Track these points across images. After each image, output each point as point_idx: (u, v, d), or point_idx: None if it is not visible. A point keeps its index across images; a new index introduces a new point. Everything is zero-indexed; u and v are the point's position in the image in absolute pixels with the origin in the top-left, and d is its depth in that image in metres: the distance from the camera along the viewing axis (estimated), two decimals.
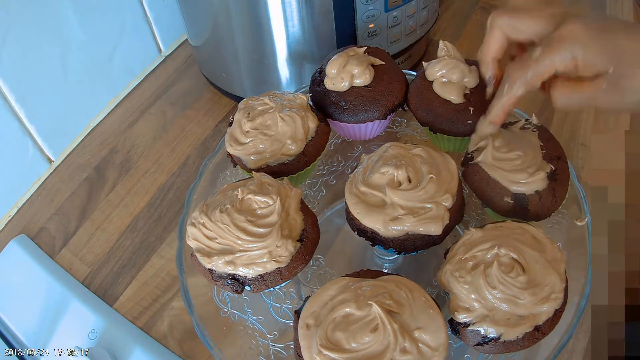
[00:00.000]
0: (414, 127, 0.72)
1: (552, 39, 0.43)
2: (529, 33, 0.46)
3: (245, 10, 0.69)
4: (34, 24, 0.70)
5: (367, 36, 0.73)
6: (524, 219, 0.53)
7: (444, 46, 0.60)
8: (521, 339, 0.45)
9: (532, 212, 0.53)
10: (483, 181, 0.54)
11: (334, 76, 0.61)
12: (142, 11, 0.87)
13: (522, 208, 0.53)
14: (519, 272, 0.46)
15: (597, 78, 0.42)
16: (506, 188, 0.53)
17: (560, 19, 0.43)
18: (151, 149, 0.82)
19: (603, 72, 0.42)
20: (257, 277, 0.49)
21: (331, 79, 0.62)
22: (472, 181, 0.55)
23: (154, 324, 0.65)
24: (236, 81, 0.81)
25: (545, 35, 0.44)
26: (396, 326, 0.43)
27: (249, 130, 0.58)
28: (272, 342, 0.57)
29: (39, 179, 0.80)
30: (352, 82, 0.61)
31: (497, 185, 0.53)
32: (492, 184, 0.53)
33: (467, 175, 0.56)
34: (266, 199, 0.50)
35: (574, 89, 0.44)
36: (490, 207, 0.54)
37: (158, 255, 0.71)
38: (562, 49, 0.42)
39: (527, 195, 0.52)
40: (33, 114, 0.74)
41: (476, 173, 0.54)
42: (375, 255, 0.65)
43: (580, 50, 0.41)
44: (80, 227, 0.74)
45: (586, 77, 0.43)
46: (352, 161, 0.72)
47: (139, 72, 0.92)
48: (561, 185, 0.54)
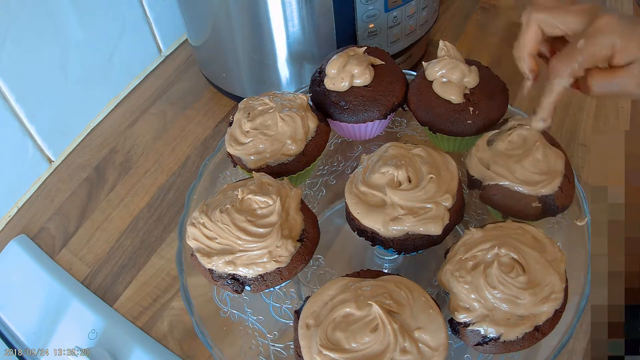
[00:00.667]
0: (414, 127, 0.72)
1: (592, 30, 0.46)
2: (566, 28, 0.49)
3: (245, 11, 0.69)
4: (34, 24, 0.70)
5: (367, 36, 0.73)
6: (552, 215, 0.53)
7: (443, 46, 0.60)
8: (521, 339, 0.45)
9: (560, 206, 0.53)
10: (507, 199, 0.53)
11: (334, 76, 0.61)
12: (142, 11, 0.87)
13: (550, 207, 0.53)
14: (519, 272, 0.46)
15: (629, 65, 0.45)
16: (532, 195, 0.52)
17: (593, 13, 0.46)
18: (151, 149, 0.82)
19: (634, 60, 0.45)
20: (257, 277, 0.49)
21: (331, 79, 0.62)
22: (493, 202, 0.54)
23: (154, 324, 0.65)
24: (236, 81, 0.81)
25: (579, 30, 0.47)
26: (396, 326, 0.43)
27: (249, 130, 0.58)
28: (272, 342, 0.57)
29: (39, 179, 0.80)
30: (352, 82, 0.61)
31: (522, 196, 0.53)
32: (517, 197, 0.53)
33: (486, 198, 0.54)
34: (266, 199, 0.50)
35: (610, 77, 0.47)
36: (519, 218, 0.53)
37: (158, 255, 0.71)
38: (603, 38, 0.45)
39: (553, 193, 0.52)
40: (33, 114, 0.74)
41: (495, 193, 0.54)
42: (375, 255, 0.65)
43: (618, 39, 0.45)
44: (80, 227, 0.74)
45: (619, 66, 0.46)
46: (352, 161, 0.72)
47: (139, 72, 0.92)
48: (567, 167, 0.55)
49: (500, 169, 0.53)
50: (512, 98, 0.63)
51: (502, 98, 0.61)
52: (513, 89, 0.63)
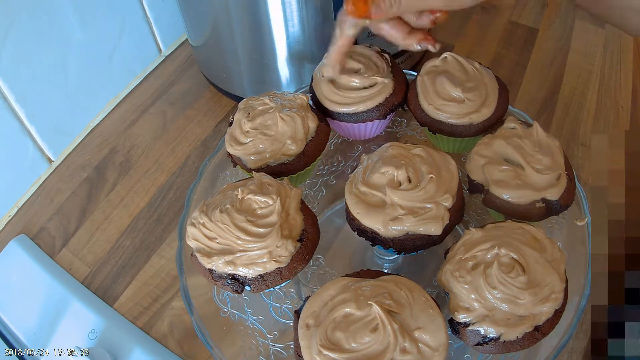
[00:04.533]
0: (414, 127, 0.72)
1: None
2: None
3: (245, 10, 0.69)
4: (34, 24, 0.70)
5: (367, 36, 0.72)
6: (556, 214, 0.53)
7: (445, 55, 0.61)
8: (521, 339, 0.45)
9: (563, 204, 0.53)
10: (511, 202, 0.53)
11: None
12: (142, 11, 0.87)
13: (554, 206, 0.53)
14: (519, 272, 0.46)
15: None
16: (537, 197, 0.52)
17: None
18: (151, 149, 0.82)
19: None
20: (257, 277, 0.49)
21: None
22: (497, 205, 0.54)
23: (154, 324, 0.65)
24: (236, 81, 0.81)
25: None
26: (396, 326, 0.43)
27: (249, 130, 0.58)
28: (272, 342, 0.57)
29: (39, 179, 0.80)
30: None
31: (527, 198, 0.53)
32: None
33: (489, 201, 0.54)
34: (266, 199, 0.50)
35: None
36: (523, 219, 0.53)
37: (158, 255, 0.71)
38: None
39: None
40: (33, 114, 0.74)
41: (497, 197, 0.53)
42: (375, 255, 0.65)
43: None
44: (80, 227, 0.74)
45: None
46: (352, 161, 0.72)
47: (139, 72, 0.92)
48: (567, 164, 0.55)
49: (502, 176, 0.53)
50: (512, 98, 0.63)
51: (502, 98, 0.61)
52: (513, 89, 0.63)
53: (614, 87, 0.86)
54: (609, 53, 0.91)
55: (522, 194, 0.52)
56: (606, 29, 0.94)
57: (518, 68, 0.89)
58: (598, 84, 0.86)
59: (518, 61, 0.90)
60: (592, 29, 0.95)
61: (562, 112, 0.82)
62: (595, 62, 0.89)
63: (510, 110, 0.63)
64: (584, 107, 0.83)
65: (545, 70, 0.88)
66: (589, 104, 0.83)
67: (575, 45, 0.92)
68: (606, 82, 0.86)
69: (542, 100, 0.83)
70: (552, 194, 0.52)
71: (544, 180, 0.52)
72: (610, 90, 0.85)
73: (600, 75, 0.88)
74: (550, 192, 0.52)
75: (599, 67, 0.89)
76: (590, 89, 0.85)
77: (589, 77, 0.87)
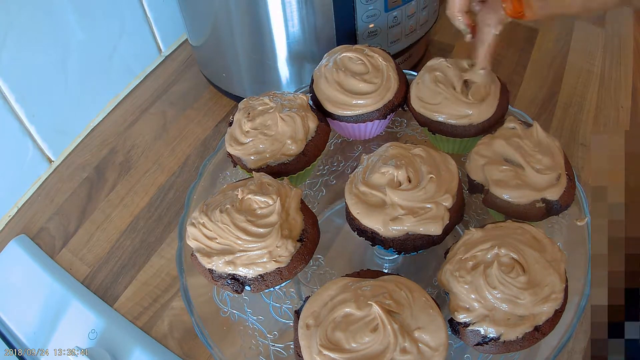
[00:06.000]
0: (414, 127, 0.72)
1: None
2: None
3: (245, 11, 0.69)
4: (34, 24, 0.70)
5: (367, 36, 0.73)
6: (556, 214, 0.53)
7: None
8: (521, 339, 0.45)
9: (563, 204, 0.53)
10: (511, 202, 0.53)
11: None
12: (142, 11, 0.87)
13: (554, 206, 0.53)
14: (519, 272, 0.46)
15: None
16: (537, 197, 0.52)
17: None
18: (151, 149, 0.82)
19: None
20: (257, 277, 0.49)
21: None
22: (497, 206, 0.54)
23: (154, 324, 0.65)
24: (236, 81, 0.81)
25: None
26: (396, 326, 0.43)
27: (249, 130, 0.58)
28: (272, 342, 0.57)
29: (39, 179, 0.80)
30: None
31: (527, 199, 0.53)
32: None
33: (489, 201, 0.54)
34: (266, 199, 0.50)
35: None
36: (524, 219, 0.53)
37: (158, 255, 0.71)
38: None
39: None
40: (33, 114, 0.74)
41: (497, 197, 0.53)
42: (375, 255, 0.65)
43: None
44: (80, 227, 0.74)
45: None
46: (352, 161, 0.72)
47: (139, 72, 0.92)
48: (567, 162, 0.55)
49: (502, 176, 0.53)
50: (512, 98, 0.63)
51: (502, 98, 0.61)
52: (513, 89, 0.63)
53: (614, 87, 0.86)
54: (609, 53, 0.91)
55: (522, 194, 0.52)
56: (606, 29, 0.94)
57: (518, 68, 0.89)
58: (598, 84, 0.86)
59: (518, 61, 0.90)
60: (592, 29, 0.95)
61: (562, 112, 0.82)
62: (595, 62, 0.89)
63: (510, 110, 0.63)
64: (584, 107, 0.83)
65: (545, 71, 0.88)
66: (589, 104, 0.83)
67: (575, 45, 0.92)
68: (606, 82, 0.86)
69: (542, 101, 0.83)
70: (552, 194, 0.52)
71: (544, 180, 0.52)
72: (610, 90, 0.85)
73: (600, 75, 0.87)
74: (550, 192, 0.52)
75: (599, 67, 0.89)
76: (590, 89, 0.85)
77: (589, 77, 0.87)
